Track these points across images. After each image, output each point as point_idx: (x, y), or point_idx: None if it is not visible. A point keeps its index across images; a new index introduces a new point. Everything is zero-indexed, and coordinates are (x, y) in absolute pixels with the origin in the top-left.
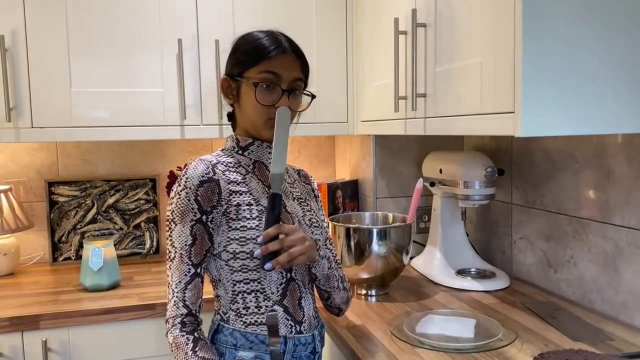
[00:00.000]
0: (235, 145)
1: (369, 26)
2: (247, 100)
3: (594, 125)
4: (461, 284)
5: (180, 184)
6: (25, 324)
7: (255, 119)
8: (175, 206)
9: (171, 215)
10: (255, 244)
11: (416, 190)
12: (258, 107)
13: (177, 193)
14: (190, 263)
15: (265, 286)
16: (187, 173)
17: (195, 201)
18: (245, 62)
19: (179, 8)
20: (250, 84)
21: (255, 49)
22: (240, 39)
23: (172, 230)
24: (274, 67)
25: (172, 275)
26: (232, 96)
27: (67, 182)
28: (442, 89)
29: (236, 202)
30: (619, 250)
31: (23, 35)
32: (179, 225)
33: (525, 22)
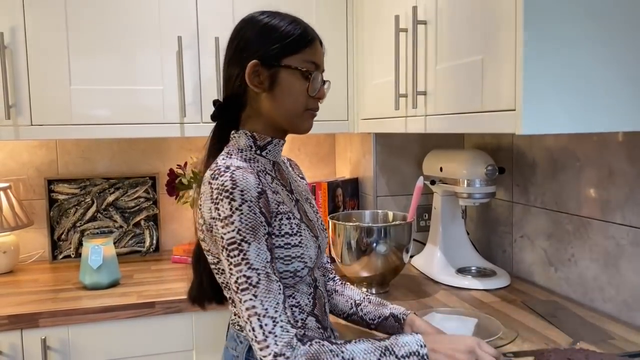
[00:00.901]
0: (252, 145)
1: (369, 24)
2: (287, 89)
3: (595, 123)
4: (461, 282)
5: (234, 199)
6: (25, 322)
7: (294, 109)
8: (241, 223)
9: (239, 236)
10: (300, 262)
11: (417, 188)
12: (301, 98)
13: (237, 209)
14: (277, 279)
15: (299, 299)
16: (239, 185)
17: (261, 213)
18: (284, 47)
19: (179, 5)
20: (296, 72)
21: (296, 33)
22: (268, 18)
23: (247, 251)
24: (316, 56)
25: (262, 302)
26: (259, 83)
27: (66, 180)
28: (443, 86)
29: (280, 216)
30: (620, 249)
31: (22, 32)
32: (254, 243)
33: (527, 19)
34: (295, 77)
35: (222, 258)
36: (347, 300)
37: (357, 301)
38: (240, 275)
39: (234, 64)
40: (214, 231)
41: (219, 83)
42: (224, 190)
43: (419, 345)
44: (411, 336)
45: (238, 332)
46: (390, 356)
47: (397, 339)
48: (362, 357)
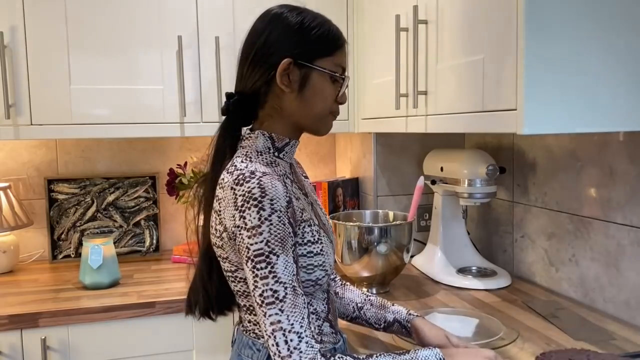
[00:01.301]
0: (270, 146)
1: (369, 23)
2: (319, 91)
3: (596, 123)
4: (462, 282)
5: (264, 208)
6: (25, 322)
7: (320, 112)
8: (270, 235)
9: (267, 247)
10: (321, 270)
11: (417, 188)
12: (329, 101)
13: (266, 219)
14: (302, 293)
15: (315, 306)
16: (268, 193)
17: (289, 224)
18: (319, 48)
19: (179, 5)
20: (327, 75)
21: (331, 35)
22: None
23: (275, 264)
24: (344, 61)
25: (289, 316)
26: (287, 82)
27: (66, 179)
28: (444, 86)
29: (302, 224)
30: (621, 249)
31: (22, 31)
32: (282, 255)
33: (528, 18)
34: (325, 80)
35: (245, 268)
36: (348, 303)
37: (358, 304)
38: (267, 288)
39: (259, 60)
40: (238, 240)
41: (219, 82)
42: (251, 198)
43: (437, 359)
44: (430, 351)
45: (254, 339)
46: None
47: (417, 353)
48: None
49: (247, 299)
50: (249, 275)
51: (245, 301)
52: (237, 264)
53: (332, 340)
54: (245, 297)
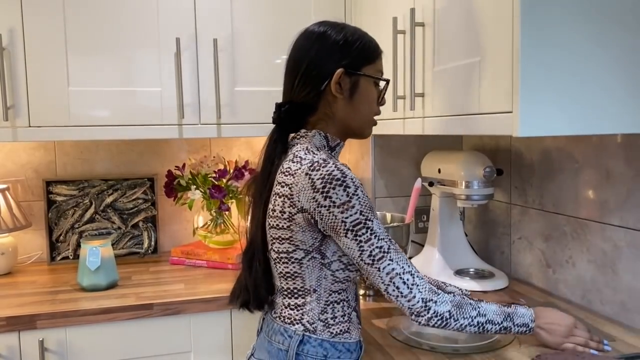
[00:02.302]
0: (325, 144)
1: (367, 25)
2: (366, 95)
3: (593, 125)
4: (460, 284)
5: (349, 186)
6: (22, 323)
7: (368, 116)
8: (361, 205)
9: (362, 216)
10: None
11: (415, 190)
12: (374, 105)
13: (354, 194)
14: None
15: (349, 294)
16: (347, 174)
17: (368, 197)
18: (365, 57)
19: (177, 7)
20: (372, 80)
21: (373, 45)
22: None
23: (372, 227)
24: (382, 65)
25: (398, 262)
26: (340, 91)
27: (65, 181)
28: (441, 88)
29: None
30: (617, 251)
31: (20, 33)
32: (375, 220)
33: (524, 21)
34: (371, 85)
35: (344, 240)
36: None
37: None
38: (373, 247)
39: (310, 73)
40: (325, 218)
41: (217, 84)
42: (334, 179)
43: (530, 320)
44: (526, 309)
45: (287, 326)
46: (510, 322)
47: (516, 309)
48: (491, 315)
49: (293, 281)
50: (351, 244)
51: (291, 284)
52: (299, 244)
53: (357, 331)
54: (293, 279)
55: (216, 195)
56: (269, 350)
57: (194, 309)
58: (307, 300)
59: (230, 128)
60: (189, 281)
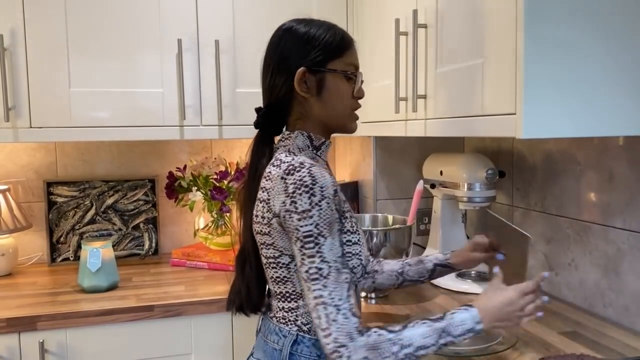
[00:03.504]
0: (309, 145)
1: (369, 27)
2: (335, 92)
3: (596, 127)
4: (461, 286)
5: (314, 194)
6: (23, 325)
7: (343, 111)
8: (319, 218)
9: (316, 230)
10: (357, 259)
11: (416, 192)
12: (347, 99)
13: (317, 204)
14: (347, 271)
15: None
16: (318, 181)
17: (336, 210)
18: (328, 52)
19: (179, 8)
20: (341, 75)
21: (338, 38)
22: (307, 27)
23: (322, 245)
24: (355, 58)
25: (330, 292)
26: (306, 90)
27: (65, 182)
28: (443, 90)
29: (345, 214)
30: (620, 254)
31: (22, 34)
32: (329, 238)
33: (527, 23)
34: (340, 80)
35: (294, 247)
36: (390, 274)
37: (398, 270)
38: (313, 266)
39: (278, 73)
40: (287, 223)
41: (219, 85)
42: (303, 185)
43: (474, 323)
44: (466, 312)
45: (282, 326)
46: (448, 337)
47: (452, 318)
48: (420, 340)
49: (284, 285)
50: (297, 253)
51: (282, 288)
52: (283, 250)
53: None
54: (284, 283)
55: (217, 197)
56: (265, 350)
57: (195, 311)
58: (300, 303)
59: (231, 129)
60: (190, 283)
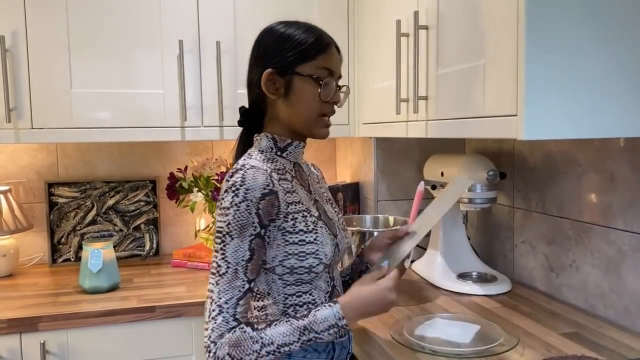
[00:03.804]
0: (273, 146)
1: (370, 28)
2: (302, 95)
3: (597, 128)
4: (462, 287)
5: (238, 195)
6: (24, 325)
7: (308, 115)
8: (233, 218)
9: (227, 228)
10: (315, 258)
11: (417, 193)
12: (315, 103)
13: (236, 204)
14: (246, 279)
15: (315, 297)
16: (246, 183)
17: (256, 215)
18: (299, 55)
19: (180, 9)
20: (308, 78)
21: (311, 41)
22: (284, 28)
23: (227, 244)
24: (331, 62)
25: (220, 291)
26: (274, 90)
27: (66, 183)
28: (444, 91)
29: (293, 215)
30: (621, 255)
31: (24, 35)
32: (237, 239)
33: (529, 24)
34: (308, 84)
35: None
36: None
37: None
38: (215, 260)
39: (253, 72)
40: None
41: (220, 86)
42: (233, 185)
43: (337, 319)
44: (329, 309)
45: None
46: (311, 334)
47: (315, 316)
48: (281, 340)
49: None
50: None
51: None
52: None
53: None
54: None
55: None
56: None
57: (196, 312)
58: (266, 303)
59: (232, 130)
60: (191, 284)
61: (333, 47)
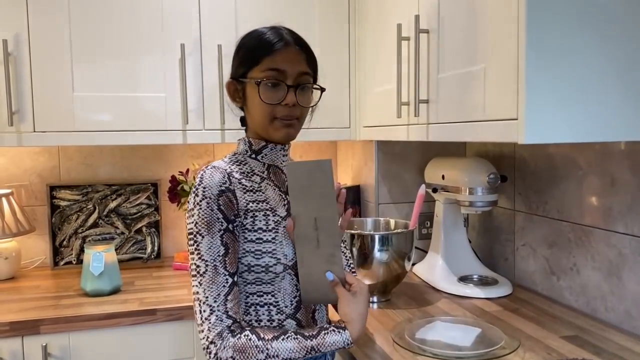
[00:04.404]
0: (248, 149)
1: (371, 32)
2: (253, 101)
3: (597, 132)
4: (463, 290)
5: (197, 194)
6: (26, 328)
7: (262, 119)
8: (199, 217)
9: (195, 228)
10: (271, 258)
11: (418, 196)
12: (263, 107)
13: (197, 204)
14: (227, 273)
15: (279, 299)
16: (204, 182)
17: (218, 210)
18: (248, 62)
19: (182, 13)
20: (253, 83)
21: (256, 46)
22: (243, 37)
23: (200, 243)
24: (277, 63)
25: (205, 290)
26: (239, 99)
27: (68, 186)
28: (445, 95)
29: (252, 213)
30: (622, 258)
31: (26, 39)
32: (207, 236)
33: (529, 28)
34: (253, 89)
35: None
36: None
37: None
38: (193, 262)
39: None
40: None
41: (221, 90)
42: (194, 186)
43: (345, 344)
44: (339, 335)
45: None
46: (317, 353)
47: (324, 339)
48: (287, 355)
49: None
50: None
51: None
52: None
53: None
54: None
55: None
56: None
57: None
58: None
59: (234, 133)
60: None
61: (283, 46)
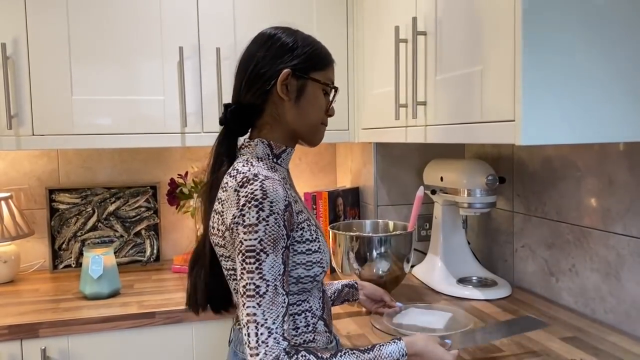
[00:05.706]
0: (269, 153)
1: (369, 34)
2: (312, 101)
3: (595, 133)
4: (462, 292)
5: (263, 209)
6: (25, 332)
7: (315, 121)
8: (265, 234)
9: (260, 245)
10: (319, 267)
11: (417, 198)
12: (321, 112)
13: (264, 219)
14: (284, 292)
15: (312, 304)
16: (269, 195)
17: (284, 226)
18: (314, 62)
19: (180, 16)
20: (321, 86)
21: (323, 53)
22: (301, 33)
23: (263, 261)
24: (333, 75)
25: (264, 312)
26: (287, 92)
27: (67, 189)
28: (443, 97)
29: (301, 224)
30: (620, 259)
31: (25, 42)
32: (272, 255)
33: (525, 30)
34: (319, 91)
35: (236, 259)
36: None
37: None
38: (251, 282)
39: (258, 73)
40: (234, 235)
41: (220, 93)
42: (253, 199)
43: (400, 354)
44: (394, 345)
45: None
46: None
47: (380, 350)
48: None
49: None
50: (238, 267)
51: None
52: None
53: (325, 340)
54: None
55: None
56: (233, 358)
57: (196, 318)
58: None
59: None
60: None
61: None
